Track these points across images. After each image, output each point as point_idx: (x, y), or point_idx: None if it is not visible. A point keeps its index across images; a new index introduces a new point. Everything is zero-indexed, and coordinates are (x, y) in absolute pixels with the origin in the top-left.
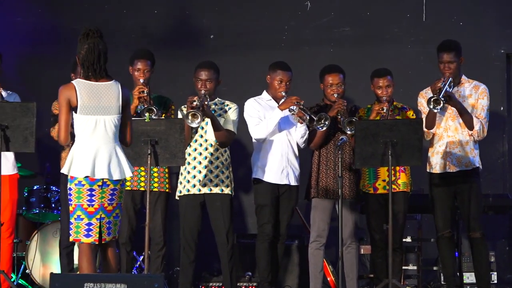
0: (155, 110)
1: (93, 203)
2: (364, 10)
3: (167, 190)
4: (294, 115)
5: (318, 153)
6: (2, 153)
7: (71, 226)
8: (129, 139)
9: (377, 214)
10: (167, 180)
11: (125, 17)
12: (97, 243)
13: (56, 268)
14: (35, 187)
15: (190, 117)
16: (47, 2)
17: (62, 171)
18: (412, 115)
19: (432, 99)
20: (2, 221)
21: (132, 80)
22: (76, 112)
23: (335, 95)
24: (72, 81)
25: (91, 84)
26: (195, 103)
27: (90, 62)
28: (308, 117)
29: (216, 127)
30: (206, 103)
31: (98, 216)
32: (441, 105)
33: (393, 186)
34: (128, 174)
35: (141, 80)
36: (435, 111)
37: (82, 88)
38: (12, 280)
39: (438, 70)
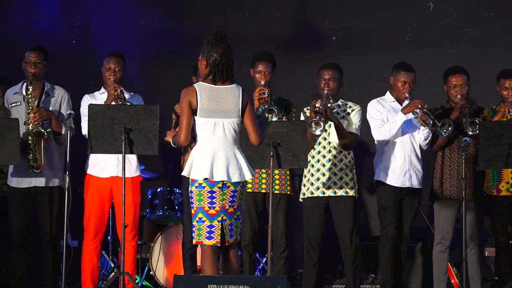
0: (275, 110)
1: (214, 205)
2: (487, 10)
3: (288, 192)
4: (417, 118)
5: (441, 154)
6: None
7: (193, 228)
8: (255, 139)
9: (501, 216)
10: (288, 183)
11: (247, 19)
12: (219, 245)
13: (180, 270)
14: (158, 190)
15: (313, 125)
16: (170, 6)
17: (183, 173)
18: None
19: None
20: (126, 223)
21: (253, 83)
22: (196, 115)
23: (459, 96)
24: (194, 84)
25: (211, 87)
26: (317, 106)
27: (224, 66)
28: (431, 121)
29: (340, 131)
30: (329, 105)
31: (219, 218)
32: None
33: None
34: (248, 176)
35: (262, 82)
36: None
37: (202, 91)
38: (137, 281)
39: None
